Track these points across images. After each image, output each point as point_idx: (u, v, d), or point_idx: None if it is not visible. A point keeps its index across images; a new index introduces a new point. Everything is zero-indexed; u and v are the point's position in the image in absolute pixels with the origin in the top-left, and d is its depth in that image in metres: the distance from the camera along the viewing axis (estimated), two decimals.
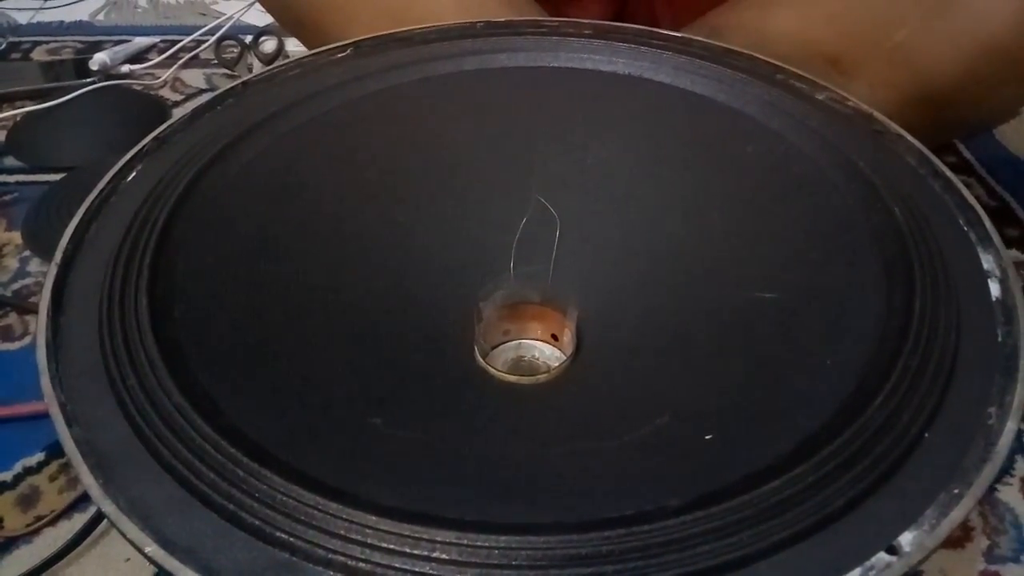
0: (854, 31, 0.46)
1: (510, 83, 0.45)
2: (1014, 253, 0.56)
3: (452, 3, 0.52)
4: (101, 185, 0.36)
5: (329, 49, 0.46)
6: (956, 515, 0.22)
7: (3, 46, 0.88)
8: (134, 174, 0.37)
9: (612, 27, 0.47)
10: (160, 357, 0.27)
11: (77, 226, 0.33)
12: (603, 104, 0.44)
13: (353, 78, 0.44)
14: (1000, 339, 0.27)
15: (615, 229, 0.41)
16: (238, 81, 0.43)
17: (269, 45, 0.81)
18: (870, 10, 0.46)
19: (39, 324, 0.29)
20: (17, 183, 0.66)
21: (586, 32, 0.47)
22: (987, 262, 0.30)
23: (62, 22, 0.95)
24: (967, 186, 0.63)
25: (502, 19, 0.48)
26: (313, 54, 0.46)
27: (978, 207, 0.33)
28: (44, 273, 0.56)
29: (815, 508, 0.21)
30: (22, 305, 0.53)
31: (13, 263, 0.57)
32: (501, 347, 0.42)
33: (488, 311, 0.40)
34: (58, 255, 0.32)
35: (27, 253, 0.58)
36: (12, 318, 0.53)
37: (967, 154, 0.65)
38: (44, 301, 0.30)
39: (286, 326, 0.32)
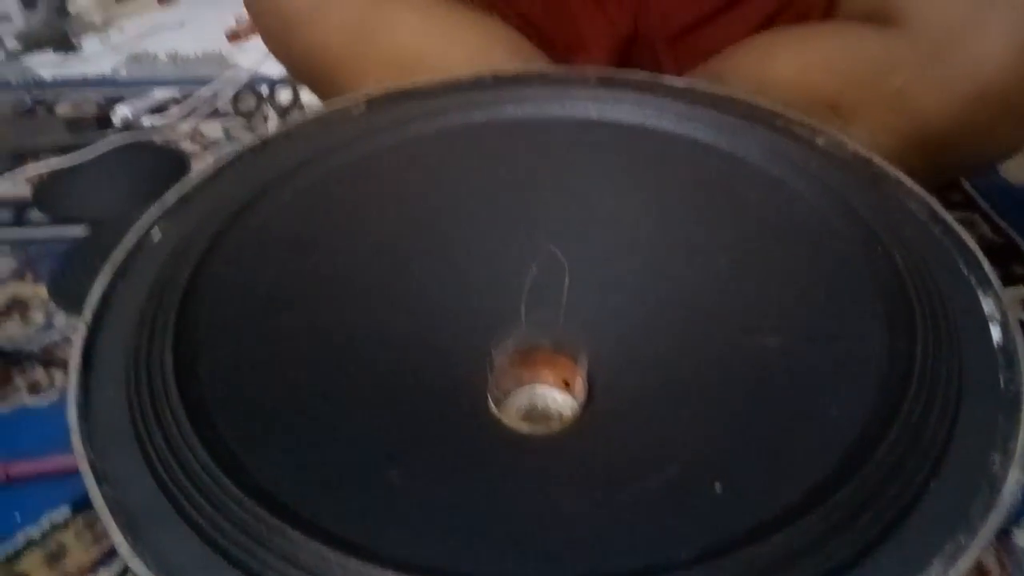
0: (852, 77, 0.47)
1: (518, 134, 0.46)
2: (1021, 291, 0.56)
3: (461, 54, 0.54)
4: (127, 244, 0.37)
5: (343, 104, 0.48)
6: (962, 565, 0.22)
7: (28, 101, 0.92)
8: (159, 232, 0.39)
9: (616, 76, 0.49)
10: (185, 415, 0.28)
11: (106, 286, 0.35)
12: (609, 152, 0.45)
13: (367, 132, 0.45)
14: (1002, 384, 0.28)
15: (623, 274, 0.42)
16: (258, 139, 0.45)
17: (284, 95, 0.83)
18: (867, 56, 0.47)
19: (70, 384, 0.30)
20: (44, 238, 0.68)
21: (591, 82, 0.48)
22: (987, 306, 0.31)
23: (85, 76, 0.98)
24: (971, 223, 0.64)
25: (510, 71, 0.49)
26: (328, 110, 0.48)
27: (977, 251, 0.33)
28: (70, 327, 0.58)
29: (822, 560, 0.22)
30: (48, 359, 0.54)
31: (39, 317, 0.59)
32: (514, 394, 0.42)
33: (500, 358, 0.41)
34: (87, 315, 0.33)
35: (53, 307, 0.60)
36: (38, 372, 0.54)
37: (971, 190, 0.66)
38: (74, 361, 0.31)
39: (305, 381, 0.33)
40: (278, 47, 0.56)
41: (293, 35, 0.53)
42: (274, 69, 0.89)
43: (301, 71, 0.58)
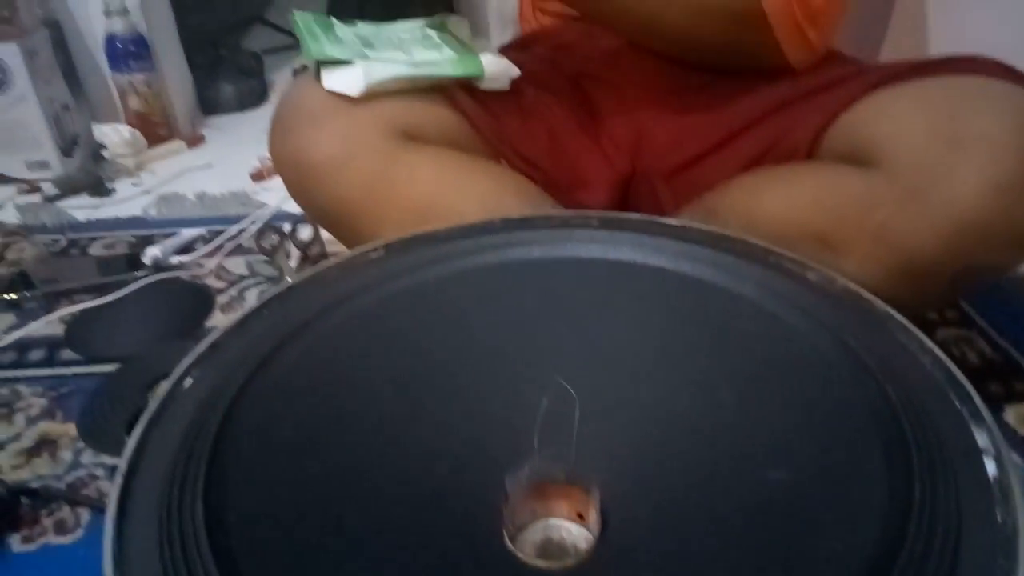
0: (837, 212, 0.50)
1: (527, 274, 0.49)
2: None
3: (472, 200, 0.58)
4: (161, 393, 0.40)
5: (363, 251, 0.51)
6: None
7: (63, 243, 0.97)
8: (191, 380, 0.41)
9: (616, 218, 0.52)
10: (215, 566, 0.29)
11: (140, 435, 0.37)
12: (611, 290, 0.48)
13: (386, 277, 0.48)
14: (1000, 520, 0.29)
15: (631, 407, 0.43)
16: (283, 287, 0.48)
17: (305, 233, 0.88)
18: (850, 193, 0.50)
19: (106, 534, 0.32)
20: (74, 375, 0.70)
21: (593, 223, 0.52)
22: (981, 439, 0.32)
23: (117, 218, 1.04)
24: (968, 340, 0.66)
25: (517, 216, 0.53)
26: (349, 256, 0.51)
27: (968, 385, 0.35)
28: (97, 464, 0.60)
29: None
30: (75, 498, 0.55)
31: (67, 455, 0.61)
32: (529, 528, 0.43)
33: (515, 491, 0.42)
34: (123, 465, 0.35)
35: (81, 445, 0.61)
36: (65, 511, 0.55)
37: (968, 308, 0.68)
38: (110, 510, 0.33)
39: (328, 524, 0.35)
40: (301, 196, 0.61)
41: (316, 187, 0.58)
42: (295, 207, 0.94)
43: (323, 218, 0.62)
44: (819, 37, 0.59)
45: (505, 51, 0.69)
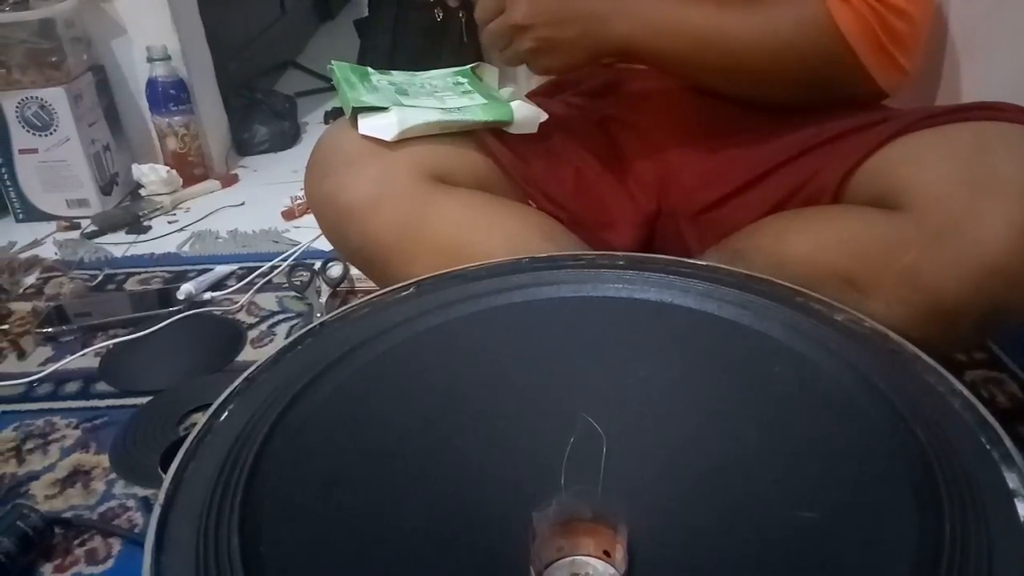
0: (863, 254, 0.50)
1: (554, 313, 0.50)
2: None
3: (500, 240, 0.59)
4: (198, 427, 0.41)
5: (394, 288, 0.52)
6: None
7: (100, 278, 1.00)
8: (226, 414, 0.42)
9: (642, 258, 0.53)
10: None
11: (177, 468, 0.38)
12: (638, 329, 0.48)
13: (416, 315, 0.49)
14: None
15: (658, 446, 0.44)
16: (316, 323, 0.49)
17: (335, 270, 0.89)
18: (876, 235, 0.51)
19: (144, 565, 0.32)
20: (108, 407, 0.72)
21: (619, 263, 0.53)
22: (1012, 481, 0.32)
23: (152, 254, 1.07)
24: (998, 382, 0.65)
25: (544, 255, 0.54)
26: (380, 293, 0.52)
27: (998, 427, 0.35)
28: (129, 495, 0.61)
29: None
30: (107, 528, 0.56)
31: (100, 486, 0.62)
32: (556, 564, 0.43)
33: (542, 528, 0.42)
34: (161, 496, 0.36)
35: (113, 476, 0.63)
36: (97, 541, 0.56)
37: (996, 350, 0.67)
38: (148, 542, 0.34)
39: (359, 557, 0.35)
40: (335, 236, 0.62)
41: (350, 228, 0.59)
42: (325, 245, 0.96)
43: (356, 258, 0.64)
44: (908, 59, 0.59)
45: (533, 96, 0.71)
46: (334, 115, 1.57)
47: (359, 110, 0.62)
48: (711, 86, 0.66)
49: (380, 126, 0.61)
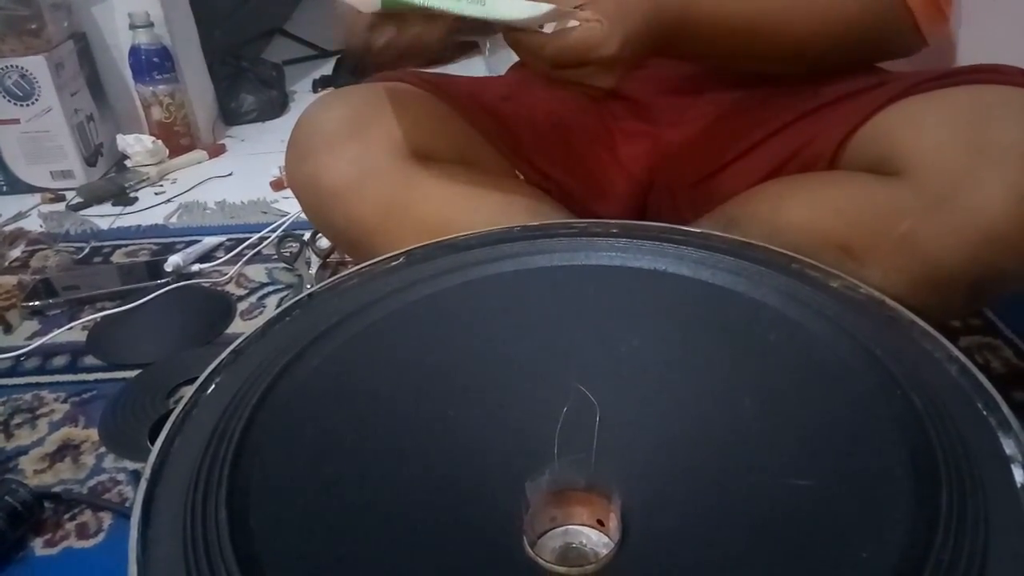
0: (860, 221, 0.50)
1: (546, 282, 0.49)
2: None
3: (485, 218, 0.57)
4: (185, 400, 0.40)
5: (384, 259, 0.51)
6: None
7: (86, 250, 0.98)
8: (213, 387, 0.41)
9: (636, 226, 0.52)
10: (239, 570, 0.29)
11: (163, 442, 0.37)
12: (632, 298, 0.48)
13: (405, 285, 0.49)
14: None
15: (651, 414, 0.43)
16: (304, 293, 0.48)
17: (325, 241, 0.88)
18: (873, 202, 0.50)
19: (131, 539, 0.32)
20: (96, 380, 0.71)
21: (613, 231, 0.52)
22: (1008, 447, 0.32)
23: (139, 226, 1.05)
24: (993, 348, 0.65)
25: (536, 223, 0.53)
26: (370, 264, 0.51)
27: (995, 392, 0.34)
28: (119, 469, 0.60)
29: None
30: (97, 503, 0.56)
31: (90, 460, 0.61)
32: (549, 534, 0.43)
33: (535, 498, 0.42)
34: (147, 471, 0.35)
35: (103, 450, 0.62)
36: (87, 515, 0.56)
37: (992, 316, 0.67)
38: (135, 515, 0.33)
39: (350, 528, 0.35)
40: (318, 220, 0.61)
41: (332, 211, 0.58)
42: None
43: (340, 240, 0.62)
44: (948, 4, 0.58)
45: (518, 69, 0.70)
46: (323, 83, 1.54)
47: None
48: (741, 68, 0.63)
49: None
